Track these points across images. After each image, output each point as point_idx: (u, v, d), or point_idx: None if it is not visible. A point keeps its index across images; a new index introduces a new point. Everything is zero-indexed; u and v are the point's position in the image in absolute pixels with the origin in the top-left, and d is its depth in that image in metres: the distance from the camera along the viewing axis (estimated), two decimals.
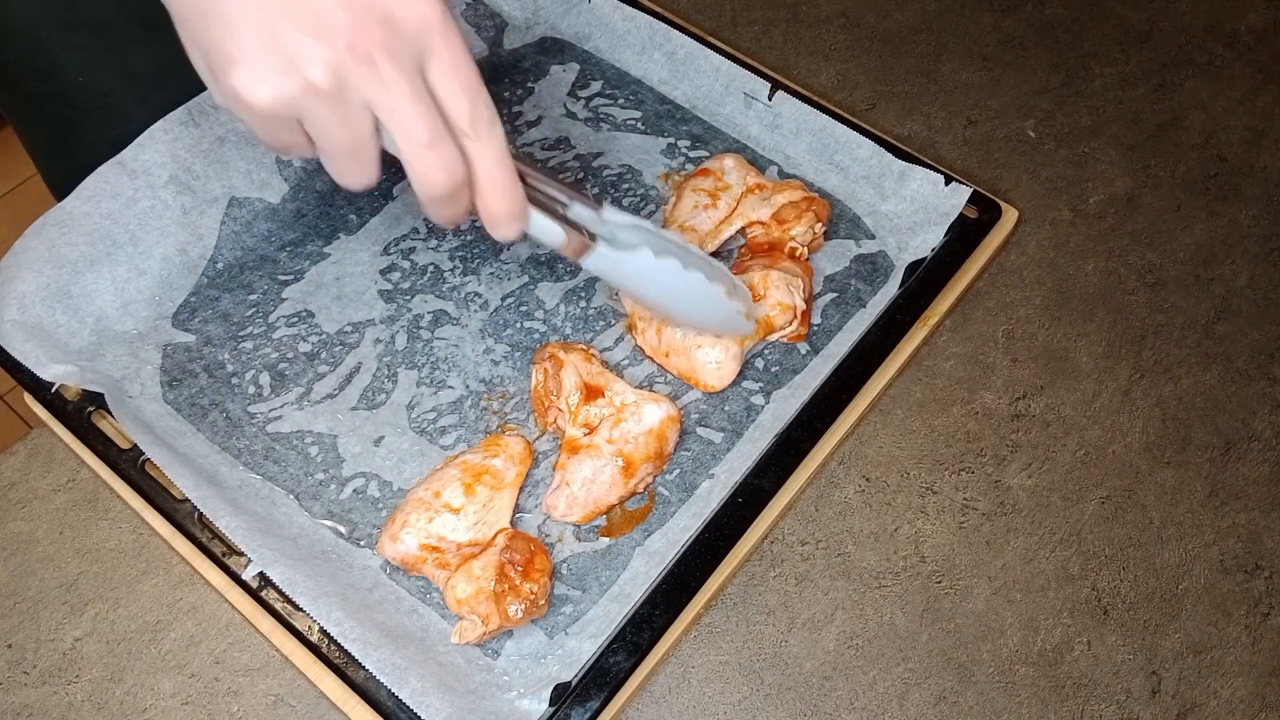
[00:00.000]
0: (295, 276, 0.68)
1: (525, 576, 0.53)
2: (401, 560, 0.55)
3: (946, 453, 0.64)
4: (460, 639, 0.53)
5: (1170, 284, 0.71)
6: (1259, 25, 0.85)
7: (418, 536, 0.54)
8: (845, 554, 0.60)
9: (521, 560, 0.53)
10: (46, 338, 0.61)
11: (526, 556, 0.54)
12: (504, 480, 0.57)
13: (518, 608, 0.52)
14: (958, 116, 0.79)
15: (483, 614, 0.52)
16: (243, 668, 0.56)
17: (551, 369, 0.60)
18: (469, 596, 0.52)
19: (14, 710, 0.55)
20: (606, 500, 0.58)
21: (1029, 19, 0.86)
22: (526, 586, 0.53)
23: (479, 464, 0.57)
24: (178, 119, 0.65)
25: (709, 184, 0.68)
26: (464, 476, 0.57)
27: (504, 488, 0.57)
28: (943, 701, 0.56)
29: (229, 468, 0.59)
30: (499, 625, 0.52)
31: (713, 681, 0.56)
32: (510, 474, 0.58)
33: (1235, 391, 0.66)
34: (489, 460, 0.58)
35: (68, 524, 0.61)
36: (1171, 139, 0.78)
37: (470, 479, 0.57)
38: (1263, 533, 0.61)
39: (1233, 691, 0.56)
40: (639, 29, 0.76)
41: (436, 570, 0.54)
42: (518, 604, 0.52)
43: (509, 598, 0.52)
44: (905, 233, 0.68)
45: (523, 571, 0.53)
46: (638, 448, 0.58)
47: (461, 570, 0.53)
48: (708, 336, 0.61)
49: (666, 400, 0.59)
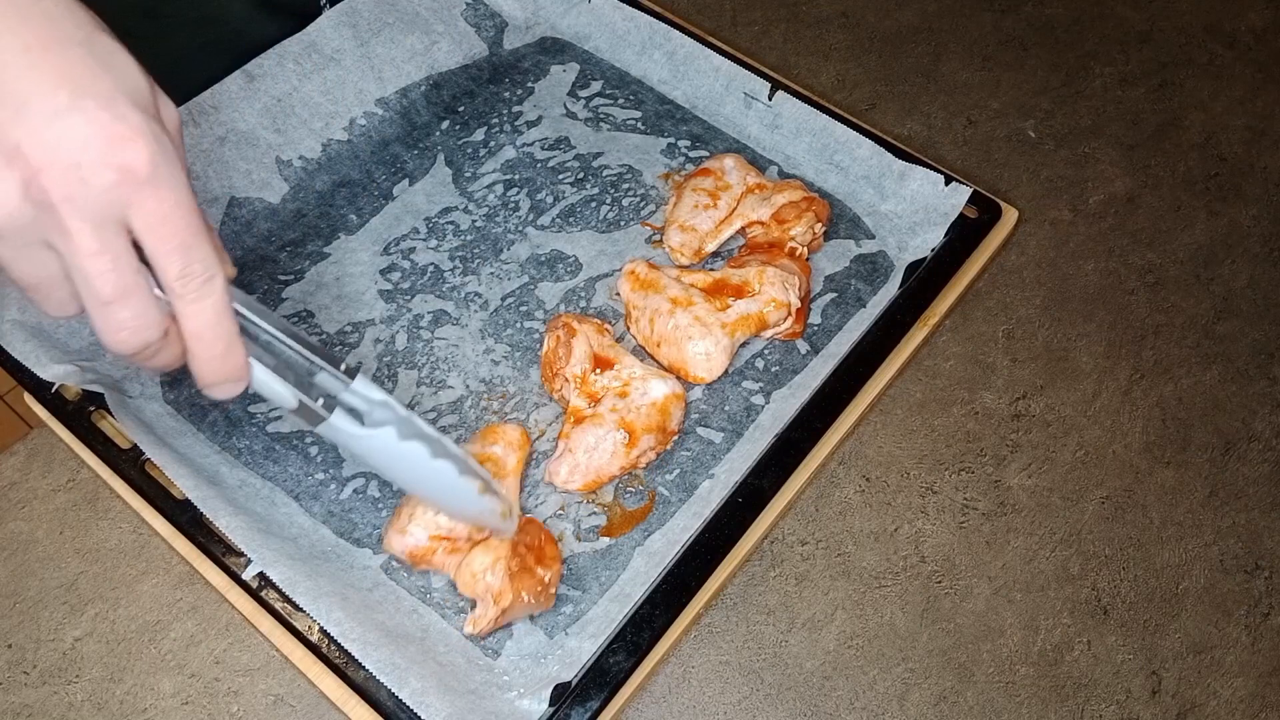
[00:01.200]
0: (295, 276, 0.68)
1: (539, 561, 0.54)
2: (410, 553, 0.55)
3: (946, 453, 0.64)
4: (474, 627, 0.53)
5: (1170, 284, 0.71)
6: (1259, 25, 0.85)
7: (426, 528, 0.55)
8: (845, 554, 0.60)
9: (533, 544, 0.54)
10: (46, 338, 0.61)
11: (538, 542, 0.54)
12: (505, 467, 0.58)
13: (529, 590, 0.53)
14: (958, 116, 0.79)
15: (496, 590, 0.52)
16: (243, 668, 0.56)
17: (564, 336, 0.60)
18: (485, 568, 0.53)
19: (14, 710, 0.55)
20: (608, 470, 0.58)
21: (1029, 19, 0.86)
22: (540, 571, 0.53)
23: (479, 453, 0.58)
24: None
25: (709, 184, 0.68)
26: None
27: (506, 475, 0.58)
28: (943, 701, 0.56)
29: (229, 468, 0.59)
30: (510, 604, 0.53)
31: (713, 681, 0.56)
32: (511, 460, 0.58)
33: (1235, 391, 0.66)
34: (489, 449, 0.58)
35: (68, 524, 0.61)
36: (1171, 139, 0.78)
37: None
38: (1263, 533, 0.61)
39: (1233, 691, 0.56)
40: (639, 29, 0.76)
41: (447, 558, 0.54)
42: (530, 586, 0.53)
43: (523, 577, 0.53)
44: (905, 233, 0.68)
45: (535, 556, 0.54)
46: (639, 418, 0.58)
47: (478, 547, 0.54)
48: (698, 327, 0.61)
49: (673, 378, 0.60)
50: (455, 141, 0.74)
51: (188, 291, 0.38)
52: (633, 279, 0.64)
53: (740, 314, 0.62)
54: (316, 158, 0.72)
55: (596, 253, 0.69)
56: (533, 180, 0.72)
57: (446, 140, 0.74)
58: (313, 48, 0.71)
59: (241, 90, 0.68)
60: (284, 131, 0.70)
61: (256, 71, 0.69)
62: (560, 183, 0.72)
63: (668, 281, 0.64)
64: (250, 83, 0.69)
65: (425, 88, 0.76)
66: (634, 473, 0.60)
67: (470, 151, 0.74)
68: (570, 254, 0.69)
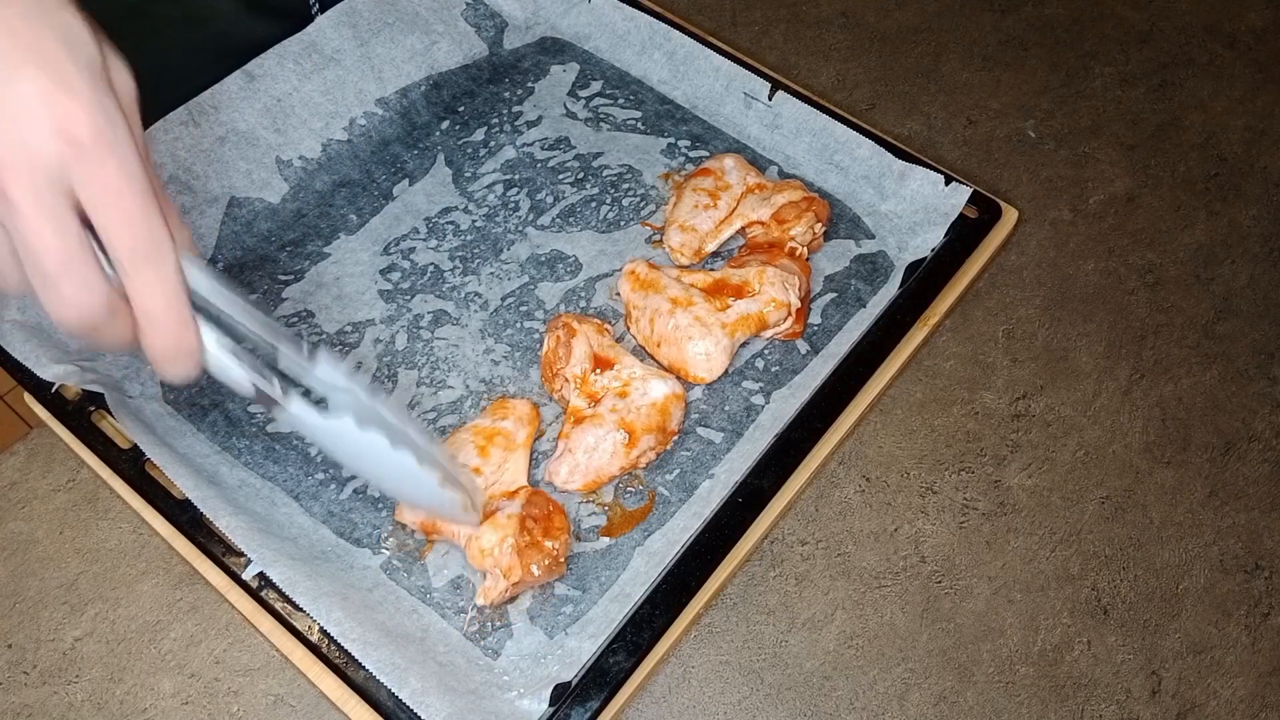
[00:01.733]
0: (295, 276, 0.68)
1: (546, 534, 0.54)
2: (421, 523, 0.56)
3: (946, 453, 0.64)
4: (485, 599, 0.54)
5: (1170, 284, 0.71)
6: (1259, 25, 0.85)
7: None
8: (845, 554, 0.60)
9: (540, 516, 0.55)
10: (46, 338, 0.61)
11: (545, 513, 0.55)
12: (515, 441, 0.58)
13: (539, 564, 0.53)
14: (958, 116, 0.79)
15: (505, 566, 0.53)
16: (243, 668, 0.56)
17: (564, 336, 0.61)
18: (493, 545, 0.53)
19: (14, 710, 0.55)
20: (608, 470, 0.58)
21: (1029, 19, 0.86)
22: (548, 543, 0.54)
23: (490, 427, 0.58)
24: (178, 119, 0.66)
25: (709, 184, 0.68)
26: (477, 440, 0.58)
27: (516, 448, 0.58)
28: (943, 701, 0.56)
29: (229, 468, 0.59)
30: (520, 579, 0.53)
31: (713, 681, 0.56)
32: (520, 435, 0.59)
33: (1235, 391, 0.66)
34: (499, 423, 0.59)
35: (68, 524, 0.61)
36: (1171, 139, 0.78)
37: (483, 441, 0.58)
38: (1263, 533, 0.61)
39: (1233, 691, 0.56)
40: (639, 29, 0.76)
41: (458, 528, 0.55)
42: (539, 560, 0.53)
43: (531, 552, 0.53)
44: (905, 233, 0.68)
45: (543, 528, 0.54)
46: (640, 418, 0.58)
47: (487, 522, 0.54)
48: (698, 327, 0.61)
49: (673, 378, 0.60)
50: (455, 141, 0.74)
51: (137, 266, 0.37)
52: (633, 279, 0.64)
53: (740, 314, 0.62)
54: (316, 158, 0.72)
55: (596, 253, 0.69)
56: (533, 180, 0.72)
57: (446, 140, 0.74)
58: (313, 48, 0.71)
59: (241, 90, 0.68)
60: (284, 131, 0.70)
61: (256, 71, 0.69)
62: (560, 183, 0.72)
63: (668, 281, 0.64)
64: (250, 83, 0.69)
65: (425, 88, 0.76)
66: (634, 473, 0.60)
67: (470, 151, 0.74)
68: (570, 254, 0.69)
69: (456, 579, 0.56)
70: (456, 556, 0.57)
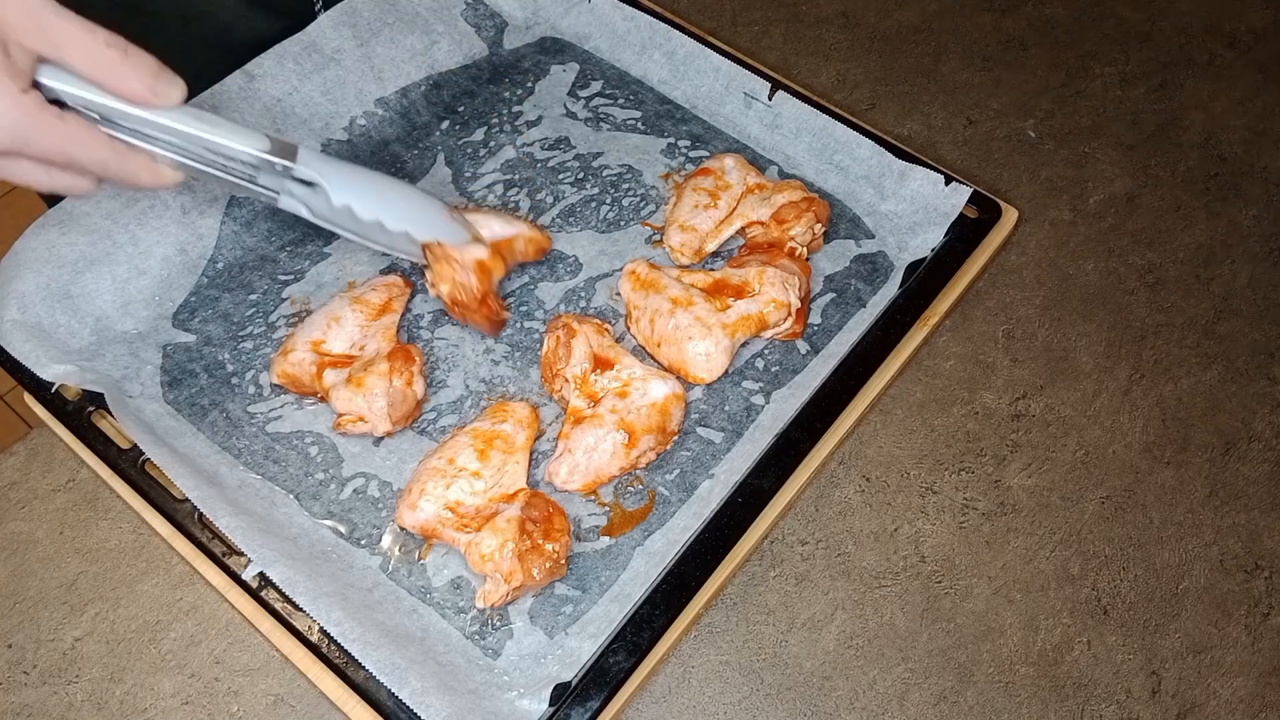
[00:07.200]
0: (295, 276, 0.68)
1: (546, 536, 0.54)
2: (420, 528, 0.56)
3: (946, 453, 0.64)
4: (485, 602, 0.54)
5: (1170, 284, 0.71)
6: (1259, 25, 0.85)
7: (436, 503, 0.55)
8: (845, 554, 0.60)
9: (540, 518, 0.54)
10: (46, 338, 0.61)
11: (545, 515, 0.55)
12: (515, 444, 0.58)
13: (539, 567, 0.53)
14: (958, 116, 0.79)
15: (506, 571, 0.53)
16: (243, 668, 0.56)
17: (564, 336, 0.61)
18: (493, 550, 0.53)
19: (14, 710, 0.55)
20: (608, 471, 0.58)
21: (1029, 19, 0.86)
22: (548, 546, 0.54)
23: (489, 430, 0.58)
24: None
25: (709, 184, 0.68)
26: (476, 443, 0.58)
27: (515, 451, 0.58)
28: (943, 701, 0.56)
29: (229, 468, 0.59)
30: (521, 584, 0.53)
31: (713, 681, 0.56)
32: (520, 438, 0.59)
33: (1235, 391, 0.66)
34: (498, 426, 0.59)
35: (68, 524, 0.61)
36: (1171, 139, 0.78)
37: (483, 445, 0.57)
38: (1263, 533, 0.61)
39: (1233, 691, 0.56)
40: (639, 29, 0.76)
41: (456, 533, 0.55)
42: (540, 563, 0.53)
43: (531, 556, 0.53)
44: (905, 233, 0.68)
45: (543, 530, 0.54)
46: (639, 419, 0.58)
47: (486, 527, 0.54)
48: (699, 328, 0.61)
49: (673, 378, 0.60)
50: (455, 141, 0.74)
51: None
52: (633, 279, 0.64)
53: (740, 314, 0.62)
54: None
55: (596, 253, 0.69)
56: (533, 180, 0.72)
57: (446, 140, 0.74)
58: (313, 48, 0.71)
59: (241, 90, 0.68)
60: (284, 131, 0.70)
61: (256, 71, 0.69)
62: (560, 183, 0.72)
63: (668, 282, 0.64)
64: (250, 83, 0.69)
65: (425, 88, 0.76)
66: (634, 473, 0.60)
67: (470, 151, 0.74)
68: (570, 254, 0.69)
69: (456, 579, 0.56)
70: (456, 556, 0.57)
